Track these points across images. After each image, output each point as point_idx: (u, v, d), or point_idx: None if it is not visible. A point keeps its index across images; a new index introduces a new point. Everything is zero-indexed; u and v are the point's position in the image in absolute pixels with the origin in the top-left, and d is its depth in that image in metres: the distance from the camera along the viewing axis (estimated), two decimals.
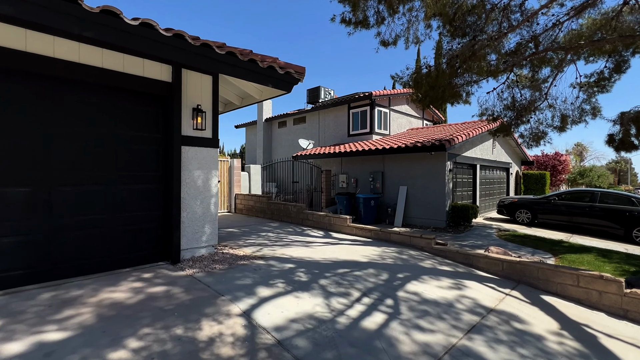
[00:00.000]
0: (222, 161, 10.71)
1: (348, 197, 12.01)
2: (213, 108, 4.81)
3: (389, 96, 14.79)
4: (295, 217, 8.53)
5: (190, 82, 4.58)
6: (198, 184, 4.66)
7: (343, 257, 5.01)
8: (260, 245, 5.66)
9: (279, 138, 20.37)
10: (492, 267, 4.91)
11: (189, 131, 4.57)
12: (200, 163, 4.69)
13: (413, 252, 5.64)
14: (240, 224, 8.20)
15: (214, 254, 4.83)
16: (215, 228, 4.87)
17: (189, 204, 4.56)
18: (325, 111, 16.72)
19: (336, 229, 7.46)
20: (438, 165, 10.20)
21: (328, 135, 16.50)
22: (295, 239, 6.37)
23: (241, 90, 5.61)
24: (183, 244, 4.50)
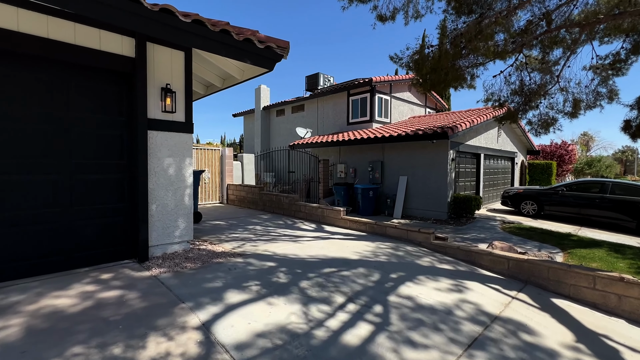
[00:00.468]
0: (213, 150, 10.23)
1: (346, 187, 11.53)
2: (186, 88, 4.29)
3: (390, 82, 14.13)
4: (288, 208, 8.07)
5: (158, 58, 4.05)
6: (169, 173, 4.18)
7: (332, 254, 4.55)
8: (243, 240, 5.21)
9: (278, 127, 19.81)
10: (497, 265, 4.43)
11: (157, 114, 4.06)
12: (172, 150, 4.20)
13: (410, 247, 5.17)
14: (229, 216, 7.76)
15: (188, 250, 4.38)
16: (190, 222, 4.41)
17: (158, 195, 4.10)
18: (324, 99, 16.10)
19: (329, 222, 7.00)
20: (440, 155, 9.65)
21: (327, 124, 15.92)
22: (283, 233, 5.91)
23: (221, 70, 5.08)
24: (152, 240, 4.06)
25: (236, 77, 5.07)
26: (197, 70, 5.27)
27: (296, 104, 18.13)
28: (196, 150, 9.78)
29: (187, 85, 4.30)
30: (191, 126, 4.36)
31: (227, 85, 5.47)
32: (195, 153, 9.73)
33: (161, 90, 4.02)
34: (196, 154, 9.77)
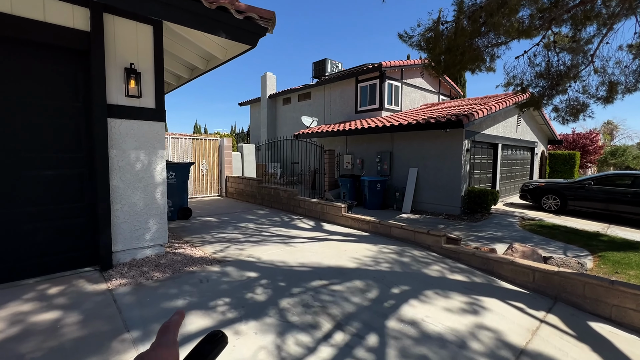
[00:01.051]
0: (211, 140, 9.70)
1: (352, 179, 10.87)
2: (156, 70, 3.69)
3: (401, 68, 13.21)
4: (286, 203, 7.51)
5: (119, 33, 3.45)
6: (137, 168, 3.63)
7: (326, 261, 3.96)
8: (229, 242, 4.67)
9: (284, 116, 19.18)
10: (520, 276, 3.76)
11: (120, 99, 3.49)
12: (139, 141, 3.63)
13: (417, 252, 4.53)
14: (223, 211, 7.26)
15: (162, 255, 3.87)
16: (164, 223, 3.87)
17: (124, 193, 3.56)
18: (331, 86, 15.31)
19: (329, 219, 6.40)
20: (453, 145, 8.85)
21: (334, 112, 15.17)
22: (276, 232, 5.35)
23: (202, 50, 4.46)
24: (118, 245, 3.54)
25: (219, 56, 4.44)
26: (177, 50, 4.67)
27: (303, 92, 17.41)
28: (193, 140, 9.27)
29: (158, 66, 3.70)
30: (163, 113, 3.77)
31: (211, 67, 4.84)
32: (192, 143, 9.23)
33: (124, 71, 3.43)
34: (193, 144, 9.26)
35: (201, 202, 8.55)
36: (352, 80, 14.09)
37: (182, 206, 6.20)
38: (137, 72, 3.49)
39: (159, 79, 3.72)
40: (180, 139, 9.01)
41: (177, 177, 6.06)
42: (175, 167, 6.03)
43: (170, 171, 5.97)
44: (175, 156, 8.93)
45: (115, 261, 3.54)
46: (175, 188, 6.07)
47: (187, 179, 6.26)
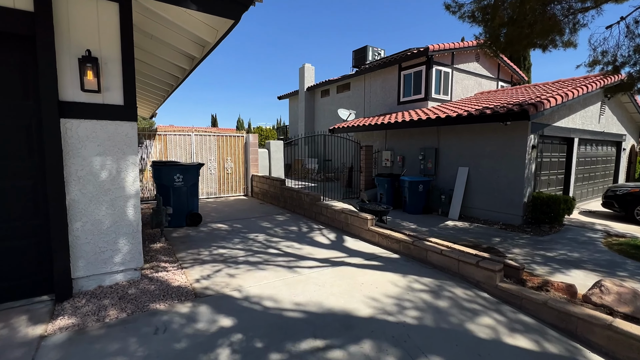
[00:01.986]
0: (237, 137, 9.17)
1: (391, 179, 9.66)
2: (124, 57, 3.01)
3: (452, 51, 11.47)
4: (309, 209, 6.65)
5: (75, 13, 2.80)
6: (101, 179, 3.01)
7: (332, 302, 3.01)
8: (224, 263, 3.94)
9: (322, 109, 18.32)
10: (623, 349, 2.46)
11: (77, 95, 2.86)
12: (104, 145, 3.00)
13: (461, 291, 3.37)
14: (239, 216, 6.63)
15: (136, 281, 3.24)
16: (137, 243, 3.23)
17: (86, 209, 2.96)
18: (371, 75, 14.03)
19: (353, 232, 5.40)
20: (515, 140, 7.22)
21: (374, 104, 13.90)
22: (285, 250, 4.51)
23: (191, 34, 3.71)
24: (79, 270, 2.97)
25: (208, 40, 3.66)
26: (165, 35, 3.99)
27: (341, 83, 16.34)
28: (217, 137, 8.82)
29: (127, 53, 3.01)
30: (133, 111, 3.10)
31: (205, 52, 4.10)
32: (216, 140, 8.78)
33: (79, 60, 2.78)
34: (217, 141, 8.81)
35: (222, 204, 8.06)
36: (394, 67, 12.67)
37: (191, 211, 5.66)
38: (94, 60, 2.82)
39: (129, 68, 3.03)
40: (204, 135, 8.60)
41: (184, 180, 5.52)
42: (183, 169, 5.49)
43: (177, 174, 5.43)
44: (199, 154, 8.55)
45: (77, 289, 2.98)
46: (182, 192, 5.54)
47: (196, 182, 5.70)
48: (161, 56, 4.70)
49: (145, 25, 3.81)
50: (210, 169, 8.73)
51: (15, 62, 2.68)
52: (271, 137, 29.31)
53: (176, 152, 8.22)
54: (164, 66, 5.12)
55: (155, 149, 7.95)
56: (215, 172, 8.82)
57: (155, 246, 4.44)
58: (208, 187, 8.77)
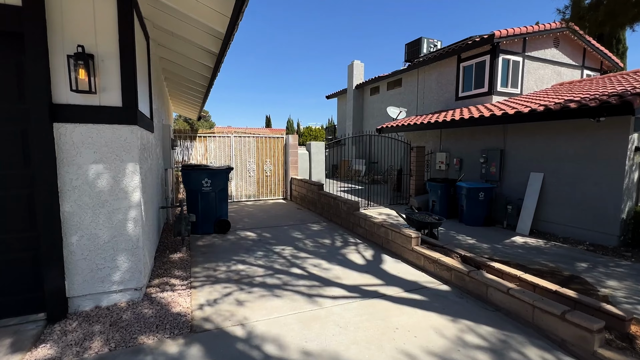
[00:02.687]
0: (276, 138, 8.84)
1: (445, 185, 8.53)
2: (123, 53, 2.68)
3: (524, 36, 9.79)
4: (346, 218, 5.97)
5: (68, 5, 2.53)
6: (98, 188, 2.72)
7: (351, 357, 2.32)
8: (237, 284, 3.47)
9: (371, 107, 17.43)
10: None
11: (72, 97, 2.59)
12: (100, 152, 2.70)
13: (536, 355, 2.42)
14: (271, 223, 6.21)
15: (136, 302, 2.90)
16: (137, 260, 2.90)
17: (81, 222, 2.69)
18: (425, 69, 12.79)
19: (394, 250, 4.60)
20: (611, 140, 5.69)
21: (429, 101, 12.65)
22: (310, 270, 3.90)
23: (203, 24, 3.26)
24: (76, 288, 2.72)
25: (220, 29, 3.18)
26: (181, 30, 3.64)
27: (392, 79, 15.28)
28: (256, 138, 8.58)
29: (125, 48, 2.67)
30: (133, 113, 2.75)
31: (222, 47, 3.65)
32: (255, 142, 8.55)
33: (72, 57, 2.48)
34: (257, 142, 8.56)
35: (259, 208, 7.77)
36: (452, 59, 11.31)
37: (220, 218, 5.37)
38: (89, 57, 2.51)
39: (128, 65, 2.69)
40: (243, 137, 8.42)
41: (213, 185, 5.24)
42: (211, 173, 5.21)
43: (205, 178, 5.17)
44: (238, 156, 8.39)
45: (73, 308, 2.74)
46: (211, 197, 5.27)
47: (225, 187, 5.39)
48: (186, 54, 4.44)
49: (159, 19, 3.52)
50: (249, 171, 8.53)
51: (8, 63, 2.48)
52: (320, 137, 29.07)
53: (216, 154, 8.15)
54: (191, 65, 4.88)
55: (197, 151, 7.95)
56: (254, 174, 8.60)
57: (174, 257, 4.17)
58: (247, 189, 8.58)
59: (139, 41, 3.25)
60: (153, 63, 4.36)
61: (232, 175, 8.35)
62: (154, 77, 4.51)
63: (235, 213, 7.10)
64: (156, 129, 4.56)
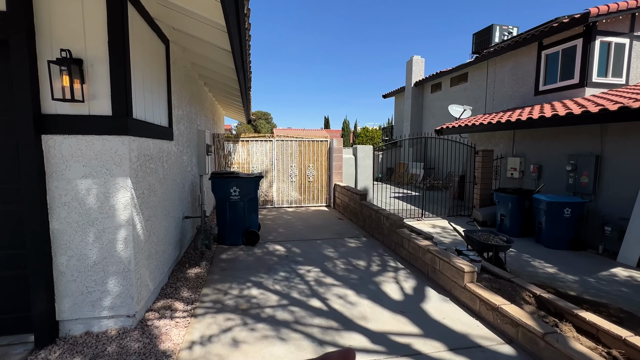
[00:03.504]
0: (320, 141, 8.34)
1: (518, 197, 7.16)
2: (112, 55, 2.40)
3: (633, 12, 7.74)
4: (388, 236, 5.18)
5: (56, 10, 2.32)
6: (87, 206, 2.48)
7: None
8: (242, 315, 3.01)
9: (432, 105, 15.99)
10: None
11: (61, 106, 2.38)
12: (90, 165, 2.46)
13: None
14: (306, 235, 5.70)
15: (125, 332, 2.62)
16: (129, 285, 2.61)
17: (71, 240, 2.49)
18: (497, 60, 11.13)
19: (442, 284, 3.71)
20: None
21: (500, 96, 10.99)
22: (331, 306, 3.28)
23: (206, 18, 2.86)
24: (65, 311, 2.53)
25: (220, 22, 2.74)
26: (191, 28, 3.30)
27: (456, 74, 13.74)
28: (299, 142, 8.19)
29: (115, 50, 2.39)
30: (124, 123, 2.46)
31: (231, 43, 3.24)
32: (297, 145, 8.17)
33: (56, 63, 2.27)
34: (299, 146, 8.18)
35: (297, 216, 7.35)
36: (531, 47, 9.55)
37: (248, 229, 5.04)
38: (76, 62, 2.27)
39: (118, 70, 2.41)
40: (285, 140, 8.10)
41: (241, 194, 4.93)
42: (239, 181, 4.91)
43: (233, 186, 4.89)
44: (279, 160, 8.10)
45: (64, 332, 2.56)
46: (239, 207, 4.97)
47: (255, 196, 5.04)
48: (208, 56, 4.17)
49: (174, 20, 3.25)
50: (291, 176, 8.18)
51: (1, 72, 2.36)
52: (377, 139, 27.89)
53: (258, 158, 7.98)
54: (217, 67, 4.63)
55: (238, 155, 7.87)
56: (296, 179, 8.23)
57: (191, 272, 3.92)
58: (289, 195, 8.25)
59: (147, 44, 3.00)
60: (177, 68, 4.18)
61: (274, 179, 8.10)
62: (180, 83, 4.34)
63: (271, 221, 6.79)
64: (181, 136, 4.39)
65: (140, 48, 2.82)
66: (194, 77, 5.32)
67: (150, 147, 3.03)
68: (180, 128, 4.29)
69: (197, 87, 5.71)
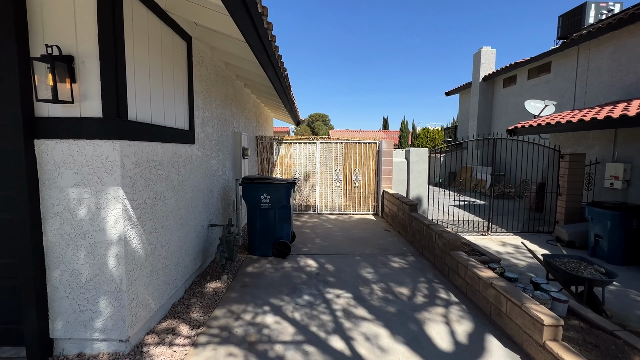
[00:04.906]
0: (368, 144, 7.62)
1: (623, 214, 5.66)
2: (102, 49, 2.13)
3: None
4: (440, 257, 4.30)
5: (48, 2, 2.12)
6: (80, 216, 2.26)
7: None
8: (247, 351, 2.54)
9: (503, 102, 14.08)
10: None
11: (52, 108, 2.19)
12: (81, 173, 2.23)
13: None
14: (345, 249, 5.08)
15: (118, 357, 2.34)
16: (121, 305, 2.33)
17: (64, 254, 2.29)
18: (591, 44, 9.20)
19: (509, 332, 2.80)
20: None
21: (596, 87, 9.04)
22: (356, 350, 2.63)
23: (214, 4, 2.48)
24: (59, 329, 2.34)
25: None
26: (209, 21, 2.95)
27: (536, 64, 11.83)
28: (344, 144, 7.59)
29: (106, 43, 2.12)
30: (116, 125, 2.18)
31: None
32: (343, 148, 7.58)
33: (50, 60, 2.06)
34: (344, 149, 7.58)
35: (339, 225, 6.75)
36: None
37: (279, 239, 4.62)
38: (68, 60, 2.05)
39: (108, 65, 2.13)
40: (330, 143, 7.57)
41: (271, 202, 4.53)
42: (270, 188, 4.51)
43: (263, 193, 4.52)
44: (323, 164, 7.61)
45: (58, 350, 2.38)
46: (270, 215, 4.58)
47: (287, 204, 4.61)
48: (237, 54, 3.83)
49: (188, 13, 2.93)
50: (336, 180, 7.63)
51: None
52: (438, 140, 25.82)
53: (301, 162, 7.60)
54: (248, 65, 4.29)
55: (281, 158, 7.59)
56: (341, 184, 7.64)
57: (209, 287, 3.61)
58: (332, 201, 7.71)
59: (156, 39, 2.73)
60: (204, 67, 3.94)
61: (317, 184, 7.64)
62: (208, 83, 4.10)
63: (310, 229, 6.31)
64: (208, 139, 4.15)
65: (145, 42, 2.55)
66: (229, 77, 5.11)
67: (158, 151, 2.76)
68: (207, 130, 4.04)
69: (235, 88, 5.51)
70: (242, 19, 2.30)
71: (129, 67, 2.32)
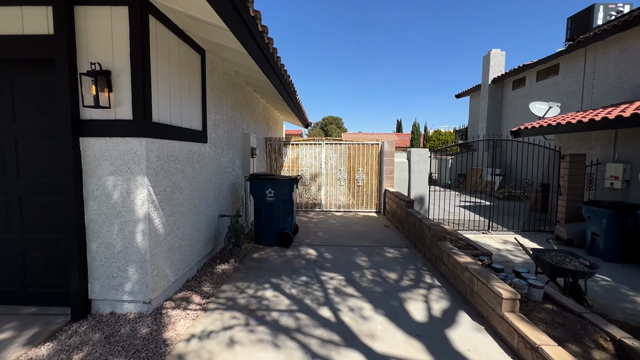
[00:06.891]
0: (371, 145, 8.02)
1: (617, 213, 5.84)
2: (134, 66, 2.67)
3: None
4: (429, 248, 4.66)
5: (92, 28, 2.68)
6: (114, 199, 2.80)
7: None
8: (247, 316, 3.01)
9: (513, 104, 14.16)
10: None
11: (93, 112, 2.74)
12: (115, 164, 2.77)
13: None
14: (344, 241, 5.50)
15: (141, 316, 2.86)
16: (145, 274, 2.85)
17: (101, 230, 2.83)
18: (599, 45, 9.30)
19: (479, 309, 3.15)
20: None
21: (604, 88, 9.13)
22: (341, 318, 3.05)
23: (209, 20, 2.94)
24: (95, 292, 2.88)
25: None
26: (213, 36, 3.45)
27: (544, 66, 11.91)
28: (348, 145, 8.02)
29: (136, 61, 2.66)
30: (143, 126, 2.71)
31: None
32: (347, 149, 8.01)
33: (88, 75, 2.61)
34: (348, 149, 8.01)
35: (343, 221, 7.17)
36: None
37: (282, 230, 5.10)
38: (107, 74, 2.60)
39: (137, 78, 2.67)
40: (334, 144, 8.01)
41: (276, 196, 5.02)
42: (274, 183, 5.00)
43: (268, 188, 5.01)
44: (328, 164, 8.06)
45: (95, 309, 2.92)
46: (274, 208, 5.06)
47: (289, 198, 5.08)
48: (243, 63, 4.35)
49: (201, 31, 3.46)
50: (340, 180, 8.06)
51: (40, 85, 2.81)
52: (450, 142, 25.81)
53: (307, 162, 8.07)
54: (255, 74, 4.80)
55: (288, 158, 8.08)
56: (345, 183, 8.06)
57: (219, 268, 4.12)
58: (337, 199, 8.14)
59: (175, 54, 3.27)
60: (216, 76, 4.47)
61: (322, 183, 8.08)
62: (220, 89, 4.63)
63: (314, 224, 6.76)
64: (219, 139, 4.68)
65: (166, 57, 3.08)
66: (239, 83, 5.65)
67: (175, 148, 3.28)
68: (218, 131, 4.58)
69: (244, 93, 6.05)
70: (245, 36, 2.79)
71: (153, 78, 2.86)
